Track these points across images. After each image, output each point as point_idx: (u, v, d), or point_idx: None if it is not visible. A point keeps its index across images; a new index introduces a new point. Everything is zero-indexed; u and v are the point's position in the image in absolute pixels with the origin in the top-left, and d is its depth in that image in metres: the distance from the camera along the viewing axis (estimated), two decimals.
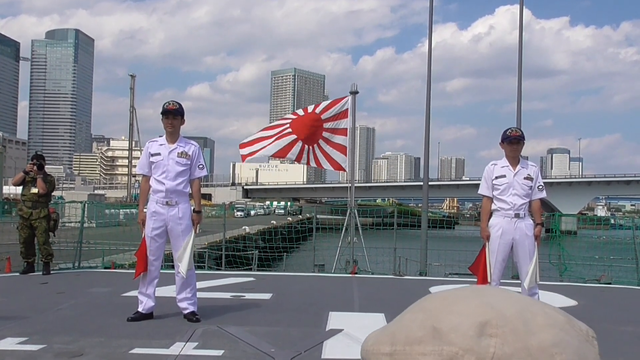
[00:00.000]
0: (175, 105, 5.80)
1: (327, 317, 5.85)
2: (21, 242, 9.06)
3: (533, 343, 0.62)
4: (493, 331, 0.63)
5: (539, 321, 0.64)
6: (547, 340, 0.62)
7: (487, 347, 0.62)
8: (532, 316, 0.65)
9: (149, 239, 5.69)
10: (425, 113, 13.09)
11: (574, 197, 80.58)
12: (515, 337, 0.62)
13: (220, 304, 6.51)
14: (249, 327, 5.29)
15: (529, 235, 5.88)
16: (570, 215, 22.55)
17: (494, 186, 5.98)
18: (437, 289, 8.01)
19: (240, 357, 4.34)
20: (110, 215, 20.98)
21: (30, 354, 4.31)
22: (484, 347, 0.62)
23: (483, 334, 0.62)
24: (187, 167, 5.76)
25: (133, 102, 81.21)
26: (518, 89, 12.77)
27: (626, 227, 15.90)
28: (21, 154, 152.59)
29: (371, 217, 14.65)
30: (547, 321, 0.65)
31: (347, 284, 8.69)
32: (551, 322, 0.65)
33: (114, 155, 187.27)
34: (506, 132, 6.00)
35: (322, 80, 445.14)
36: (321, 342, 4.80)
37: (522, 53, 13.05)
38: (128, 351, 4.41)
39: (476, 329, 0.63)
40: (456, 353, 0.62)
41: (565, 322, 0.66)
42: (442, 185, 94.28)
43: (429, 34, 13.29)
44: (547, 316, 0.66)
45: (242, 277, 9.12)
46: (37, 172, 8.99)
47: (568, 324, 0.66)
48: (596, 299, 7.94)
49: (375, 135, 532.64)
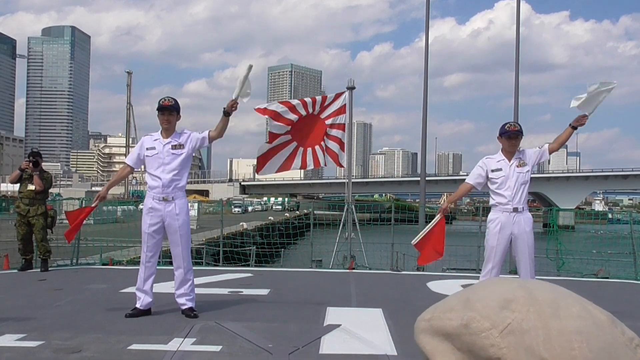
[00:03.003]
0: (171, 101, 5.80)
1: (324, 312, 5.86)
2: (19, 239, 9.05)
3: (554, 325, 0.63)
4: (517, 307, 0.65)
5: (572, 311, 0.65)
6: (571, 327, 0.62)
7: (505, 318, 0.64)
8: (567, 305, 0.65)
9: (146, 235, 5.69)
10: (423, 108, 13.10)
11: (571, 192, 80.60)
12: (538, 317, 0.63)
13: (218, 300, 6.52)
14: (246, 323, 5.30)
15: (527, 230, 5.88)
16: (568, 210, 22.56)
17: (490, 180, 5.97)
18: (434, 284, 8.03)
19: (238, 353, 4.35)
20: (107, 212, 20.90)
21: (28, 351, 4.31)
22: (501, 318, 0.64)
23: (506, 307, 0.65)
24: (182, 157, 5.75)
25: (130, 98, 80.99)
26: (515, 84, 12.78)
27: (624, 221, 15.93)
28: (18, 152, 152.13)
29: (368, 212, 14.61)
30: (581, 313, 0.65)
31: (345, 280, 8.70)
32: (586, 315, 0.64)
33: (111, 152, 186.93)
34: (504, 126, 5.99)
35: (319, 76, 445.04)
36: (319, 338, 4.81)
37: (520, 48, 13.05)
38: (126, 347, 4.42)
39: (501, 302, 0.66)
40: (474, 318, 0.65)
41: (605, 320, 0.65)
42: (440, 180, 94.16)
43: (425, 28, 13.28)
44: (585, 310, 0.65)
45: (239, 273, 9.13)
46: (33, 170, 8.96)
47: (607, 323, 0.65)
48: (594, 294, 7.96)
49: (372, 130, 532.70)
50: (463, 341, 0.67)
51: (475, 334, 0.66)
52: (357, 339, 4.82)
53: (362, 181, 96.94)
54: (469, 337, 0.66)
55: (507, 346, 0.64)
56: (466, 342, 0.67)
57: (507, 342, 0.64)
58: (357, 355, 4.42)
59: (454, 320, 0.68)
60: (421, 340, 0.72)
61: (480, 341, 0.65)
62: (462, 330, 0.67)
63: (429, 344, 0.70)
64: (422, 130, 13.18)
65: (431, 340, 0.70)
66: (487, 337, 0.65)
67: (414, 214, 13.34)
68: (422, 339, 0.72)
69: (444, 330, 0.69)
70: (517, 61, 12.89)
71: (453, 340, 0.68)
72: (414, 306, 6.07)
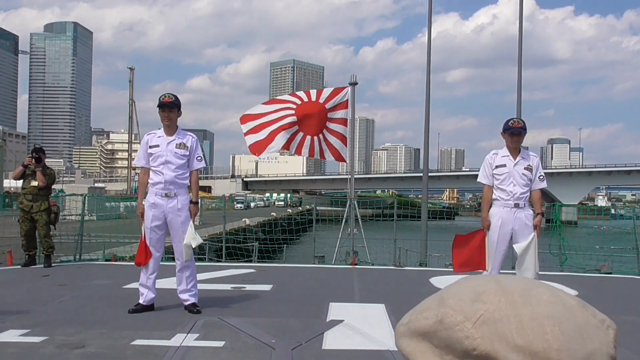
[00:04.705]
0: (171, 97, 5.79)
1: (327, 308, 5.86)
2: (22, 235, 9.07)
3: (526, 312, 0.64)
4: (488, 299, 0.66)
5: (543, 298, 0.66)
6: (542, 312, 0.63)
7: (477, 310, 0.65)
8: (538, 294, 0.66)
9: (149, 231, 5.70)
10: (425, 104, 13.07)
11: (574, 187, 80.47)
12: (509, 307, 0.64)
13: (221, 296, 6.53)
14: (249, 319, 5.31)
15: (528, 225, 5.87)
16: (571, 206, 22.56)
17: (494, 175, 5.97)
18: (437, 279, 8.03)
19: (241, 348, 4.36)
20: (110, 208, 20.93)
21: (32, 346, 4.33)
22: (473, 310, 0.65)
23: (477, 300, 0.66)
24: (185, 158, 5.76)
25: (132, 94, 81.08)
26: (518, 79, 12.74)
27: (627, 217, 15.90)
28: (21, 148, 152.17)
29: (371, 208, 14.65)
30: (551, 299, 0.66)
31: (347, 275, 8.71)
32: (556, 301, 0.66)
33: (114, 149, 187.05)
34: (508, 122, 5.98)
35: (321, 72, 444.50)
36: (322, 333, 4.82)
37: (523, 43, 13.01)
38: (129, 343, 4.43)
39: (472, 296, 0.67)
40: (447, 313, 0.66)
41: (575, 305, 0.66)
42: (442, 176, 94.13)
43: (428, 24, 13.24)
44: (555, 296, 0.67)
45: (242, 268, 9.14)
46: (36, 165, 8.98)
47: (577, 307, 0.66)
48: (596, 289, 7.95)
49: (374, 126, 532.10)
50: (439, 337, 0.68)
51: (449, 328, 0.67)
52: (360, 335, 4.83)
53: (364, 177, 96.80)
54: (444, 332, 0.67)
55: (481, 336, 0.65)
56: (442, 338, 0.68)
57: (480, 332, 0.65)
58: (359, 351, 4.43)
59: (430, 318, 0.69)
60: (401, 344, 0.73)
61: (455, 334, 0.66)
62: (438, 327, 0.68)
63: (409, 345, 0.71)
64: (425, 126, 13.15)
65: (410, 342, 0.71)
66: (462, 330, 0.66)
67: (417, 209, 13.31)
68: (401, 343, 0.73)
69: (420, 330, 0.70)
70: (519, 56, 12.85)
71: (430, 338, 0.69)
72: (416, 302, 6.01)
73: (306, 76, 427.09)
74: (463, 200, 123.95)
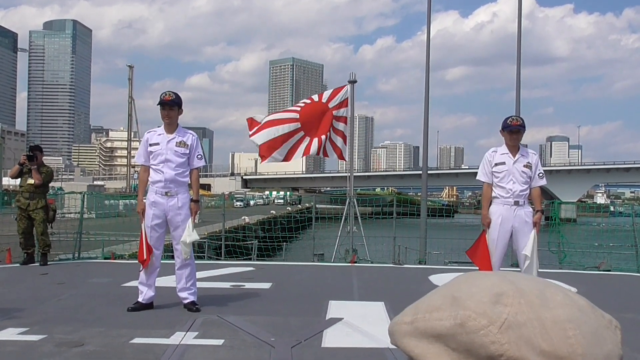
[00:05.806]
0: (172, 95, 5.77)
1: (326, 306, 5.86)
2: (20, 233, 9.06)
3: (547, 316, 0.64)
4: (508, 301, 0.65)
5: (557, 299, 0.66)
6: (562, 316, 0.64)
7: (500, 313, 0.64)
8: (552, 295, 0.66)
9: (149, 229, 5.69)
10: (424, 101, 13.05)
11: (573, 185, 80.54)
12: (530, 309, 0.64)
13: (220, 294, 6.52)
14: (248, 317, 5.30)
15: (528, 223, 5.88)
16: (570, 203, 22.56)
17: (493, 173, 5.97)
18: (436, 277, 8.02)
19: (240, 346, 4.35)
20: (109, 206, 20.96)
21: (31, 344, 4.31)
22: (497, 313, 0.64)
23: (498, 302, 0.65)
24: (185, 156, 5.75)
25: (132, 92, 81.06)
26: (517, 77, 12.72)
27: (626, 214, 15.92)
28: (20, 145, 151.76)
29: (370, 206, 14.61)
30: (565, 301, 0.66)
31: (347, 273, 8.70)
32: (570, 302, 0.66)
33: (113, 146, 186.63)
34: (507, 120, 5.98)
35: (320, 70, 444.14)
36: (321, 331, 4.81)
37: (522, 41, 12.99)
38: (128, 341, 4.42)
39: (492, 297, 0.66)
40: (469, 316, 0.65)
41: (586, 306, 0.67)
42: (442, 174, 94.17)
43: (427, 21, 13.22)
44: (568, 297, 0.67)
45: (241, 266, 9.13)
46: (31, 164, 8.94)
47: (589, 308, 0.67)
48: (596, 286, 7.95)
49: (374, 124, 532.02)
50: (459, 341, 0.66)
51: (473, 332, 0.65)
52: (359, 332, 4.82)
53: (363, 175, 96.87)
54: (466, 336, 0.65)
55: (508, 341, 0.64)
56: (463, 342, 0.66)
57: (507, 337, 0.64)
58: (359, 349, 4.42)
59: (445, 320, 0.67)
60: (406, 344, 0.71)
61: (480, 339, 0.65)
62: (457, 330, 0.66)
63: (417, 346, 0.69)
64: (424, 124, 13.13)
65: (419, 343, 0.69)
66: (487, 335, 0.64)
67: (416, 207, 13.30)
68: (406, 343, 0.71)
69: (433, 331, 0.68)
70: (518, 54, 12.83)
71: (447, 341, 0.67)
72: (416, 299, 6.05)
73: (305, 74, 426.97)
74: (462, 197, 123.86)
